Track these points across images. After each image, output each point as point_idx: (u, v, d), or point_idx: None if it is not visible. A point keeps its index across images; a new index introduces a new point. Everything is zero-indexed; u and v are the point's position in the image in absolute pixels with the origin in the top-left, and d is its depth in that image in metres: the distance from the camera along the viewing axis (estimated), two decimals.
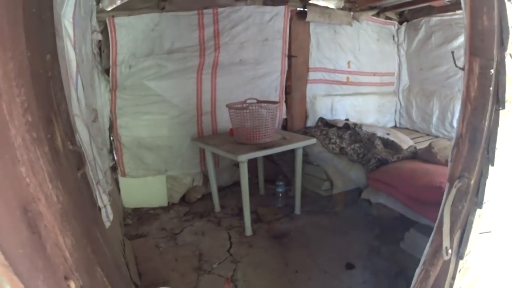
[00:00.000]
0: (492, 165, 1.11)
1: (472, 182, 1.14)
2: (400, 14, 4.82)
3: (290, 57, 4.03)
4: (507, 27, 1.05)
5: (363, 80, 4.66)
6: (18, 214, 0.87)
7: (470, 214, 1.18)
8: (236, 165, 3.41)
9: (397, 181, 2.91)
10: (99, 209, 1.92)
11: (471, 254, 1.29)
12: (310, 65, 4.21)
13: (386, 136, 3.61)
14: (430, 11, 4.36)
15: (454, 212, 1.19)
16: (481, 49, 1.10)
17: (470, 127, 1.15)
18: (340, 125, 3.83)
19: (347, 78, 4.53)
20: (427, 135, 4.52)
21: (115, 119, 3.39)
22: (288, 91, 4.14)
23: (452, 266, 1.24)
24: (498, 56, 1.08)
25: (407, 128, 4.84)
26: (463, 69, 1.16)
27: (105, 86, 3.35)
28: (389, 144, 3.49)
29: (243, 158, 2.95)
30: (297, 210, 3.48)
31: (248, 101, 3.28)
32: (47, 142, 1.09)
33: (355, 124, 3.77)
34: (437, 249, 1.25)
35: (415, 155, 3.35)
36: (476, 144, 1.13)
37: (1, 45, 0.87)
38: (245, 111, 3.16)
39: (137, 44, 3.33)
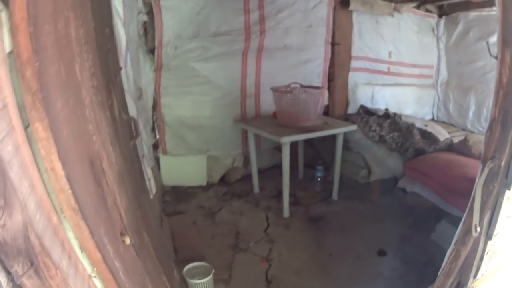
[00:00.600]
0: None
1: (503, 163, 1.20)
2: (440, 8, 4.75)
3: (333, 44, 4.04)
4: None
5: (403, 71, 4.63)
6: (87, 166, 0.95)
7: (500, 195, 1.23)
8: (277, 148, 3.46)
9: (432, 171, 2.93)
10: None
11: (499, 237, 1.34)
12: (353, 53, 4.21)
13: (424, 127, 3.61)
14: (468, 6, 4.29)
15: (485, 192, 1.25)
16: None
17: (502, 110, 1.20)
18: (380, 113, 3.84)
19: (388, 68, 4.51)
20: (463, 130, 4.45)
21: (159, 98, 3.52)
22: (330, 78, 4.15)
23: (481, 246, 1.29)
24: None
25: (443, 122, 4.77)
26: (496, 57, 1.22)
27: (149, 66, 3.47)
28: (426, 135, 3.49)
29: (286, 140, 3.02)
30: (335, 196, 3.52)
31: (292, 85, 3.31)
32: (108, 108, 1.18)
33: (394, 114, 3.78)
34: (468, 229, 1.30)
35: (450, 147, 3.35)
36: (507, 126, 1.18)
37: (74, 12, 0.94)
38: (289, 94, 3.20)
39: (183, 26, 3.43)
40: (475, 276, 1.33)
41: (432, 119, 4.84)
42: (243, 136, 3.75)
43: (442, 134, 3.64)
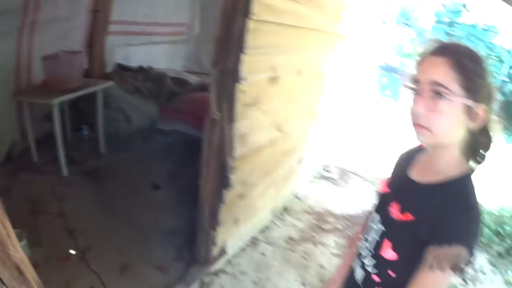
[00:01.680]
0: (243, 53, 1.76)
1: (232, 66, 1.76)
2: None
3: (94, 11, 4.14)
4: None
5: (157, 30, 5.01)
6: None
7: (233, 87, 1.80)
8: (48, 117, 3.47)
9: (186, 107, 3.59)
10: None
11: (244, 123, 1.98)
12: (112, 18, 4.38)
13: (176, 76, 4.25)
14: None
15: (220, 87, 1.80)
16: None
17: (226, 28, 1.74)
18: (135, 69, 4.25)
19: (142, 29, 4.84)
20: None
21: None
22: (90, 43, 4.27)
23: (227, 131, 1.88)
24: None
25: (197, 72, 5.34)
26: None
27: None
28: (180, 82, 4.13)
29: (54, 102, 3.14)
30: (103, 150, 3.82)
31: (57, 53, 3.36)
32: None
33: (148, 67, 4.25)
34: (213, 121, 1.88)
35: (203, 87, 3.98)
36: (229, 41, 1.74)
37: None
38: (52, 61, 3.27)
39: None
40: (232, 156, 1.99)
41: (186, 71, 5.50)
42: (18, 110, 3.54)
43: (194, 79, 4.33)
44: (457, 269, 0.95)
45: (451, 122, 0.96)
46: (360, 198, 4.12)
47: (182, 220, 2.89)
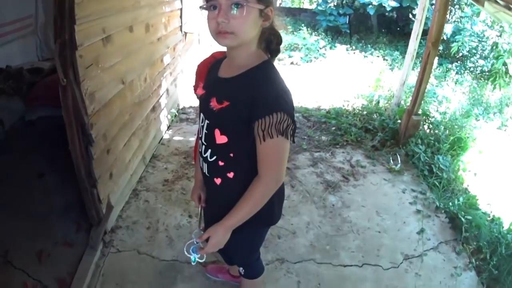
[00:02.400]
0: (75, 24, 2.01)
1: (68, 37, 2.00)
2: None
3: None
4: None
5: (7, 30, 4.81)
6: None
7: (73, 55, 2.05)
8: None
9: (43, 91, 3.82)
10: None
11: (89, 83, 2.25)
12: None
13: (31, 66, 4.40)
14: None
15: (62, 57, 2.02)
16: None
17: (58, 6, 1.94)
18: None
19: None
20: None
21: None
22: None
23: (77, 93, 2.12)
24: None
25: (49, 58, 5.28)
26: None
27: None
28: (35, 71, 4.29)
29: None
30: None
31: None
32: None
33: (7, 66, 4.26)
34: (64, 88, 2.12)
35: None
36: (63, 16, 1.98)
37: None
38: None
39: None
40: (87, 114, 2.25)
41: (40, 60, 5.36)
42: None
43: (47, 65, 4.56)
44: (285, 133, 1.22)
45: (250, 24, 1.19)
46: None
47: (72, 196, 3.06)
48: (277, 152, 1.28)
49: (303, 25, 10.43)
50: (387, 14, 10.15)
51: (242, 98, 1.24)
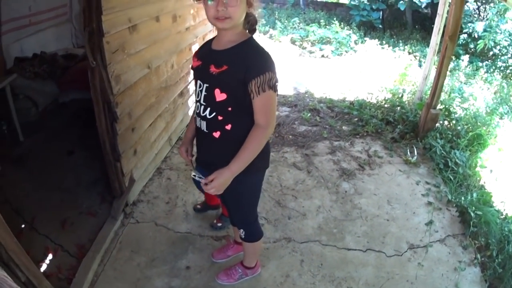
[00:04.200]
0: (102, 14, 2.22)
1: (96, 25, 2.24)
2: None
3: None
4: None
5: (43, 17, 5.11)
6: None
7: (100, 42, 2.29)
8: None
9: (76, 76, 4.07)
10: None
11: (115, 67, 2.45)
12: (2, 19, 4.40)
13: (66, 53, 4.67)
14: None
15: (91, 43, 2.26)
16: None
17: None
18: (31, 57, 4.50)
19: (29, 20, 4.94)
20: None
21: None
22: None
23: (104, 74, 2.35)
24: None
25: (83, 45, 5.64)
26: None
27: None
28: (69, 56, 4.56)
29: None
30: (21, 137, 4.06)
31: None
32: None
33: (42, 52, 4.52)
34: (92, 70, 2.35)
35: None
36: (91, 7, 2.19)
37: None
38: None
39: None
40: (112, 93, 2.46)
41: (74, 47, 5.67)
42: None
43: (80, 51, 4.78)
44: (274, 88, 1.57)
45: (241, 10, 1.55)
46: None
47: (99, 172, 3.34)
48: (270, 103, 1.61)
49: (335, 19, 10.40)
50: (421, 10, 9.97)
51: (238, 63, 1.57)
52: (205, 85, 1.66)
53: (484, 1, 8.75)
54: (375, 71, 6.78)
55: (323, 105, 5.04)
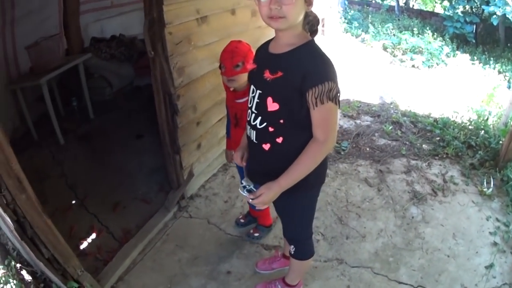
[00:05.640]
0: (164, 5, 2.16)
1: (157, 15, 2.19)
2: None
3: None
4: None
5: (124, 1, 5.33)
6: None
7: (162, 32, 2.22)
8: (40, 99, 3.90)
9: None
10: None
11: (176, 58, 2.37)
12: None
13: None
14: None
15: (151, 32, 2.20)
16: None
17: None
18: (108, 39, 4.68)
19: (111, 2, 5.20)
20: None
21: None
22: (65, 25, 4.62)
23: (165, 66, 2.30)
24: None
25: None
26: None
27: None
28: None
29: (43, 81, 3.58)
30: (91, 115, 4.28)
31: (38, 40, 3.76)
32: None
33: (120, 35, 4.67)
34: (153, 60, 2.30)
35: None
36: None
37: None
38: (33, 48, 3.67)
39: None
40: (174, 85, 2.41)
41: None
42: (14, 98, 3.88)
43: None
44: (335, 100, 1.39)
45: (298, 10, 1.37)
46: None
47: (163, 159, 3.34)
48: (330, 116, 1.43)
49: (428, 28, 9.89)
50: None
51: (294, 70, 1.40)
52: (258, 91, 1.52)
53: None
54: (463, 88, 6.36)
55: (406, 118, 4.71)
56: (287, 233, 1.98)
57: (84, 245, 2.55)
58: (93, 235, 2.65)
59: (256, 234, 2.65)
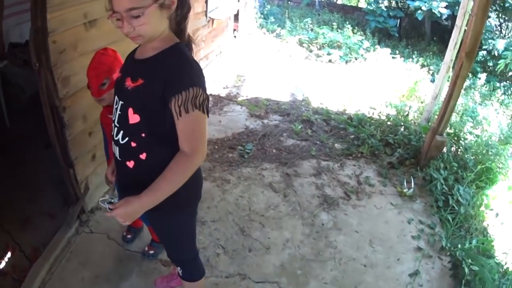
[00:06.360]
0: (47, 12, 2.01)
1: (41, 24, 2.04)
2: None
3: None
4: None
5: None
6: None
7: (45, 41, 2.09)
8: None
9: None
10: None
11: (64, 67, 2.24)
12: (5, 3, 4.33)
13: None
14: None
15: (36, 42, 2.08)
16: None
17: None
18: (23, 43, 4.37)
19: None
20: None
21: None
22: None
23: (50, 78, 2.16)
24: None
25: None
26: None
27: None
28: None
29: None
30: (8, 123, 4.01)
31: None
32: None
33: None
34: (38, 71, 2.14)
35: None
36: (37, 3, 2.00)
37: None
38: None
39: None
40: (58, 97, 2.24)
41: None
42: None
43: None
44: (202, 107, 1.28)
45: (154, 24, 1.26)
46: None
47: None
48: (197, 126, 1.31)
49: (348, 22, 9.97)
50: (441, 22, 9.56)
51: (156, 76, 1.29)
52: (120, 102, 1.39)
53: (507, 18, 8.14)
54: (382, 83, 6.32)
55: (318, 116, 4.66)
56: (171, 256, 1.89)
57: (2, 264, 2.42)
58: (9, 254, 2.52)
59: (151, 252, 2.56)
